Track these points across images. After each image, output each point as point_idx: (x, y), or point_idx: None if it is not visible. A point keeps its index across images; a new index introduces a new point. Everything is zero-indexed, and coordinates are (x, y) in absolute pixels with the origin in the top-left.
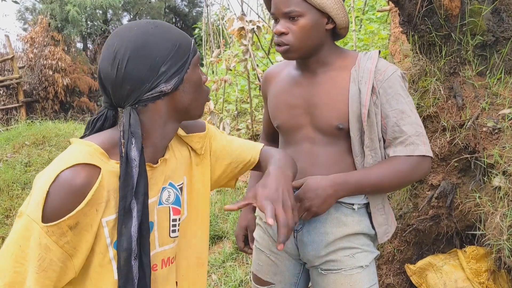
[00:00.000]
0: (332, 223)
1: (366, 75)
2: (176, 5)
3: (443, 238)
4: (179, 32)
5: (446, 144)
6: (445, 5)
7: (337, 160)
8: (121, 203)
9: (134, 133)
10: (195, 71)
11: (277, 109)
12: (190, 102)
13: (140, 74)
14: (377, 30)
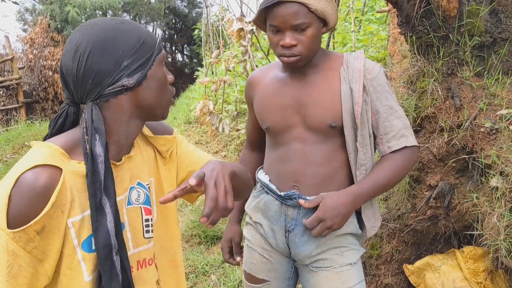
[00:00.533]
0: None
1: (356, 74)
2: (176, 6)
3: (441, 238)
4: (144, 30)
5: (444, 145)
6: (443, 6)
7: (328, 158)
8: (92, 201)
9: (97, 129)
10: (159, 69)
11: (267, 111)
12: (154, 100)
13: (101, 67)
14: (376, 31)
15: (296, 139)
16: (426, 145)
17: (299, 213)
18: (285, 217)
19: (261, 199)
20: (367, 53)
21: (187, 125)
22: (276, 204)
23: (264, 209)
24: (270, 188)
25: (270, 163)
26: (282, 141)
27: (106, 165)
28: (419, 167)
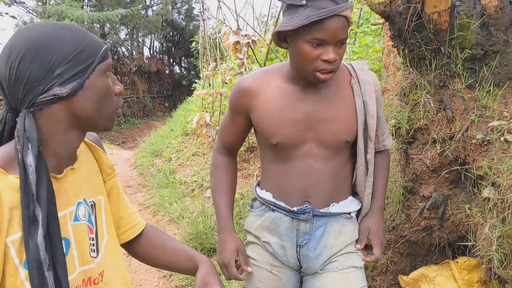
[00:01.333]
0: (333, 235)
1: (368, 87)
2: (173, 19)
3: (436, 249)
4: (87, 37)
5: (437, 156)
6: (434, 20)
7: (337, 172)
8: (24, 213)
9: (29, 138)
10: (100, 78)
11: (277, 125)
12: (92, 111)
13: (33, 74)
14: (372, 43)
15: (306, 155)
16: (419, 156)
17: (312, 227)
18: (297, 232)
19: (267, 217)
20: None
21: (184, 136)
22: (286, 220)
23: (272, 227)
24: (277, 205)
25: (275, 178)
26: (291, 156)
27: (38, 175)
28: (413, 178)
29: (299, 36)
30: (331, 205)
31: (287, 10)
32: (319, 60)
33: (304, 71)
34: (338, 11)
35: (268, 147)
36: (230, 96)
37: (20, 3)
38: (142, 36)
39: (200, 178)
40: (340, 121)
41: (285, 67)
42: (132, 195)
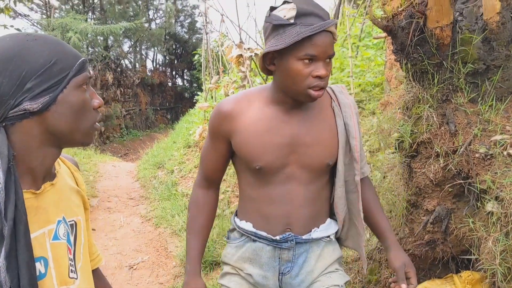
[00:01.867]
0: (315, 259)
1: (348, 109)
2: (176, 32)
3: (439, 263)
4: (62, 48)
5: (440, 170)
6: (436, 35)
7: (315, 197)
8: None
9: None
10: (75, 92)
11: (261, 150)
12: (67, 126)
13: (2, 88)
14: (374, 57)
15: (288, 178)
16: (423, 170)
17: (294, 255)
18: (280, 261)
19: (247, 248)
20: (365, 78)
21: (187, 149)
22: (268, 250)
23: (253, 257)
24: (259, 235)
25: (255, 205)
26: (273, 180)
27: (7, 192)
28: (416, 192)
29: (289, 55)
30: (312, 231)
31: (273, 32)
32: (310, 77)
33: (296, 91)
34: (327, 27)
35: (250, 172)
36: (210, 121)
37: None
38: (145, 49)
39: None
40: (324, 145)
41: (266, 90)
42: (134, 207)
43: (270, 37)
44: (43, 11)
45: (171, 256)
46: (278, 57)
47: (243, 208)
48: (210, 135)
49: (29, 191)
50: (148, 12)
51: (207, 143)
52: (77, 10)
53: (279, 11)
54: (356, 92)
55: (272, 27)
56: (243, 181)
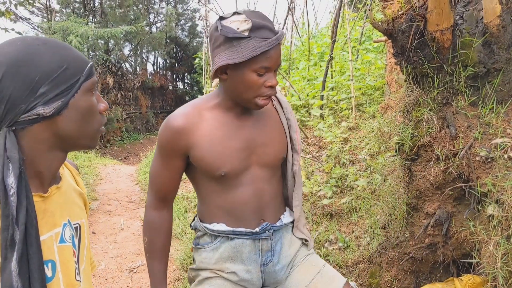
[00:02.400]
0: (288, 244)
1: (287, 105)
2: (177, 35)
3: (440, 267)
4: (71, 53)
5: (441, 173)
6: (436, 38)
7: (277, 190)
8: (3, 235)
9: (10, 157)
10: (86, 97)
11: (223, 156)
12: (76, 131)
13: (15, 93)
14: (374, 60)
15: (251, 180)
16: (423, 173)
17: (273, 243)
18: (260, 252)
19: (226, 247)
20: (365, 82)
21: None
22: (248, 244)
23: (233, 255)
24: (237, 231)
25: (224, 209)
26: (237, 184)
27: (19, 197)
28: (416, 195)
29: (244, 67)
30: (281, 217)
31: (226, 43)
32: (263, 87)
33: (245, 99)
34: (280, 40)
35: (213, 179)
36: (162, 140)
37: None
38: (146, 52)
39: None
40: (277, 141)
41: (214, 99)
42: (135, 211)
43: (223, 47)
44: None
45: (171, 259)
46: (232, 68)
47: (208, 212)
48: (162, 154)
49: (37, 194)
50: (149, 15)
51: (157, 163)
52: (78, 13)
53: (231, 23)
54: (357, 96)
55: (224, 38)
56: (205, 189)
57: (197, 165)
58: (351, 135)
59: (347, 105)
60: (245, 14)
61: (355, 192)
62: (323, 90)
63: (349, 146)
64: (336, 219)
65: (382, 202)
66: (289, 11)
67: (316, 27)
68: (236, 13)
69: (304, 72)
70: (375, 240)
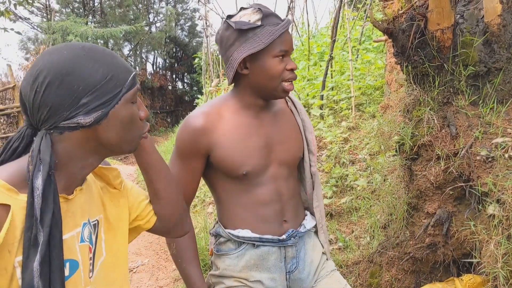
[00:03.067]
0: (311, 249)
1: (301, 107)
2: (176, 35)
3: (440, 267)
4: (116, 62)
5: (441, 173)
6: (437, 37)
7: (294, 190)
8: (26, 235)
9: (42, 160)
10: (126, 107)
11: (246, 155)
12: (116, 139)
13: (58, 101)
14: (374, 60)
15: (271, 178)
16: (424, 173)
17: (297, 250)
18: (285, 260)
19: (251, 255)
20: (365, 81)
21: None
22: (274, 251)
23: (259, 263)
24: (264, 239)
25: (246, 211)
26: (259, 182)
27: (45, 198)
28: (417, 195)
29: (264, 55)
30: (304, 222)
31: (240, 37)
32: (285, 71)
33: (272, 87)
34: (290, 24)
35: (234, 180)
36: (182, 141)
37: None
38: (145, 52)
39: (202, 193)
40: (294, 139)
41: (231, 98)
42: None
43: (238, 43)
44: (44, 14)
45: (170, 259)
46: (252, 60)
47: (230, 217)
48: (181, 156)
49: (62, 195)
50: (148, 15)
51: (176, 166)
52: (77, 13)
53: (241, 17)
54: (356, 95)
55: (237, 33)
56: (225, 192)
57: (218, 165)
58: (351, 135)
59: (347, 105)
60: (251, 7)
61: (355, 192)
62: (323, 90)
63: (349, 146)
64: (336, 219)
65: (382, 202)
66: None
67: (316, 27)
68: (243, 8)
69: (304, 72)
70: (375, 240)
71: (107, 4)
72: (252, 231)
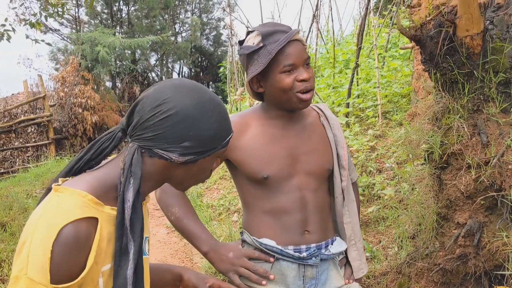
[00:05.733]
0: (335, 278)
1: (335, 122)
2: (202, 44)
3: (471, 278)
4: (225, 124)
5: (472, 182)
6: (466, 44)
7: (322, 204)
8: (117, 244)
9: (134, 173)
10: (211, 160)
11: (267, 159)
12: (186, 181)
13: (166, 133)
14: (400, 67)
15: (296, 187)
16: (453, 182)
17: (318, 271)
18: (304, 279)
19: (272, 269)
20: (391, 89)
21: None
22: (293, 268)
23: (278, 278)
24: (285, 253)
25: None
26: (282, 190)
27: (135, 210)
28: (447, 205)
29: (271, 72)
30: (330, 246)
31: (249, 60)
32: (296, 82)
33: (286, 100)
34: (291, 37)
35: (256, 183)
36: None
37: (55, 31)
38: (171, 62)
39: (227, 201)
40: (321, 151)
41: (258, 110)
42: (160, 218)
43: (249, 65)
44: (73, 26)
45: (196, 267)
46: (263, 79)
47: (255, 222)
48: None
49: None
50: (174, 25)
51: None
52: (105, 24)
53: (247, 41)
54: (383, 103)
55: (246, 57)
56: (250, 195)
57: (239, 168)
58: (378, 143)
59: (373, 112)
60: (256, 29)
61: (382, 201)
62: (348, 98)
63: (376, 154)
64: (363, 229)
65: (410, 212)
66: (314, 19)
67: (341, 34)
68: (249, 32)
69: (329, 79)
70: (403, 250)
71: (134, 15)
72: (277, 242)
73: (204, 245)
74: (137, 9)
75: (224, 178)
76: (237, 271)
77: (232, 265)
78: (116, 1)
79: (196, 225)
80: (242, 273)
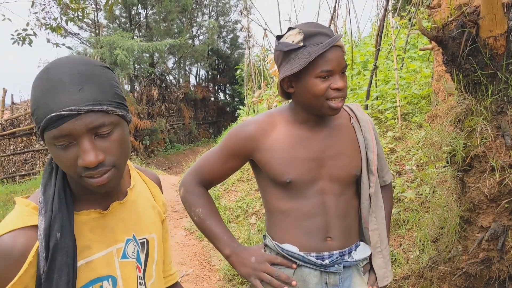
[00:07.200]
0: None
1: (366, 124)
2: (219, 47)
3: (495, 283)
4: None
5: (496, 185)
6: (490, 44)
7: (349, 207)
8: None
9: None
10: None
11: (290, 163)
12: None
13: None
14: (420, 68)
15: (320, 192)
16: (477, 185)
17: (340, 279)
18: (326, 286)
19: (294, 275)
20: (411, 91)
21: None
22: (315, 275)
23: (300, 284)
24: (306, 259)
25: (290, 220)
26: (305, 194)
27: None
28: (470, 208)
29: (306, 75)
30: (353, 252)
31: (285, 58)
32: (329, 90)
33: (317, 106)
34: (335, 42)
35: (280, 186)
36: (230, 141)
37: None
38: (189, 65)
39: (245, 204)
40: (348, 156)
41: (286, 111)
42: (178, 220)
43: (284, 63)
44: (92, 30)
45: (214, 269)
46: (296, 80)
47: (277, 227)
48: (223, 152)
49: (97, 211)
50: (191, 29)
51: (216, 155)
52: (124, 28)
53: (286, 38)
54: (402, 105)
55: (283, 54)
56: (273, 197)
57: (263, 169)
58: (398, 145)
59: (392, 114)
60: (298, 27)
61: (403, 203)
62: (367, 100)
63: (396, 157)
64: None
65: (432, 215)
66: (331, 21)
67: (359, 36)
68: (291, 28)
69: (348, 81)
70: (425, 254)
71: (152, 19)
72: (299, 248)
73: (226, 248)
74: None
75: (242, 180)
76: (259, 276)
77: (254, 270)
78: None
79: (218, 226)
80: (264, 278)
